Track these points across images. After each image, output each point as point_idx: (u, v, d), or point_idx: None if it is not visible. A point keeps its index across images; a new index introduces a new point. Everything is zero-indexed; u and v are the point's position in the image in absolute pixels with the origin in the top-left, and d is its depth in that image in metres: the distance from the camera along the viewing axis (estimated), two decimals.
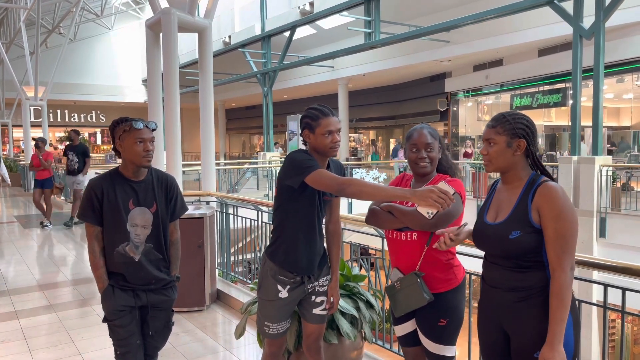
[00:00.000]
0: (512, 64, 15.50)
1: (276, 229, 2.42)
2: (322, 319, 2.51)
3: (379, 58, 16.86)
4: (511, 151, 1.87)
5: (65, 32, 21.40)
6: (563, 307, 1.73)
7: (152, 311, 2.46)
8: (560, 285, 1.74)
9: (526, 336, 1.83)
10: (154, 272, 2.44)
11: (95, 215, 2.36)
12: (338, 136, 2.31)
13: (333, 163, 2.46)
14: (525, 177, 1.90)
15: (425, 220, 2.03)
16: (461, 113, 19.01)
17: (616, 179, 9.40)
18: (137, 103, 29.56)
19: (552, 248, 1.77)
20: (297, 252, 2.35)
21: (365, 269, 3.82)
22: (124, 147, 2.37)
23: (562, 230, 1.75)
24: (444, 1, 13.59)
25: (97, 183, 2.39)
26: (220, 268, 5.42)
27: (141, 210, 2.41)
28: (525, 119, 1.90)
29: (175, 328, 4.15)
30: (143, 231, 2.41)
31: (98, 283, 2.41)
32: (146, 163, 2.39)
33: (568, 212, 1.77)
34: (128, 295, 2.41)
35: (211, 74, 6.28)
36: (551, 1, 8.76)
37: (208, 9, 6.52)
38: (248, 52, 17.16)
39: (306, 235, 2.36)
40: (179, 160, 6.18)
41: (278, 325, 2.43)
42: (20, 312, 4.73)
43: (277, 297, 2.38)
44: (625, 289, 2.29)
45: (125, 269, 2.39)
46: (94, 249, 2.38)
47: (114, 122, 2.43)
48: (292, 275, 2.37)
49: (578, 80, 8.68)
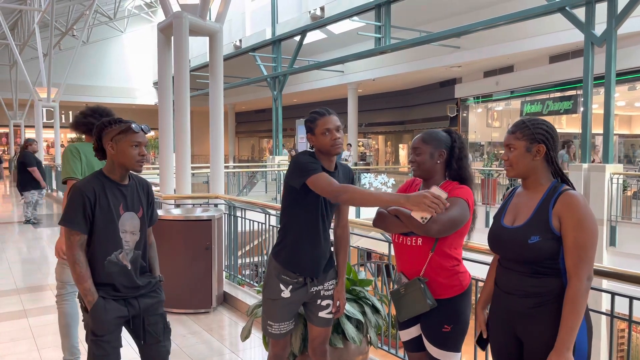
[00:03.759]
0: (523, 71, 15.42)
1: (281, 230, 2.45)
2: (328, 323, 2.51)
3: (388, 63, 16.86)
4: (530, 156, 1.89)
5: (79, 34, 21.64)
6: (576, 315, 1.74)
7: (149, 318, 2.35)
8: (574, 293, 1.75)
9: (540, 342, 1.82)
10: (140, 279, 2.33)
11: (85, 222, 2.17)
12: (338, 134, 2.33)
13: (342, 168, 2.47)
14: (547, 183, 1.91)
15: (429, 226, 2.05)
16: (471, 119, 18.94)
17: (627, 188, 9.32)
18: (148, 105, 29.79)
19: (570, 257, 1.78)
20: (300, 253, 2.38)
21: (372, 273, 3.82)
22: (118, 150, 2.21)
23: (582, 239, 1.77)
24: (455, 7, 13.57)
25: (88, 186, 2.19)
26: (227, 270, 5.43)
27: (130, 215, 2.29)
28: (545, 124, 1.91)
29: (181, 329, 4.19)
30: (132, 237, 2.29)
31: (87, 296, 2.17)
32: (139, 168, 2.26)
33: (589, 222, 1.78)
34: (120, 305, 2.25)
35: (221, 77, 6.31)
36: (563, 8, 8.73)
37: (219, 12, 6.56)
38: (258, 56, 17.24)
39: (310, 236, 2.38)
40: (188, 162, 6.21)
41: (280, 325, 2.45)
42: (29, 311, 4.78)
43: (280, 296, 2.41)
44: (634, 298, 2.28)
45: (117, 278, 2.23)
46: (80, 259, 2.16)
47: (105, 121, 2.26)
48: (295, 276, 2.40)
49: (589, 87, 8.61)
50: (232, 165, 21.31)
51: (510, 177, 2.01)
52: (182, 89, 6.05)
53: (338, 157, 2.45)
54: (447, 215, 2.10)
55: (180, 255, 4.58)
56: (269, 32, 18.67)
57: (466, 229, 2.24)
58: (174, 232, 4.58)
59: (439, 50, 14.33)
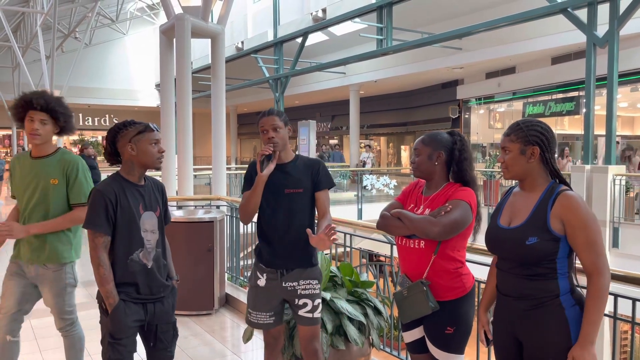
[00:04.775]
0: (525, 72, 15.41)
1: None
2: (310, 322, 2.53)
3: (390, 65, 16.86)
4: (525, 158, 1.90)
5: (81, 36, 21.71)
6: (599, 309, 1.76)
7: (161, 326, 2.37)
8: (599, 289, 1.77)
9: (539, 344, 1.83)
10: (162, 279, 2.36)
11: (108, 223, 2.20)
12: (272, 132, 2.45)
13: (303, 159, 2.58)
14: (544, 184, 1.91)
15: (430, 228, 2.08)
16: (473, 120, 18.92)
17: (629, 189, 9.29)
18: (150, 107, 29.82)
19: (587, 256, 1.80)
20: (262, 246, 2.55)
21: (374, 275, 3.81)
22: (138, 150, 2.26)
23: (592, 236, 1.80)
24: (457, 8, 13.57)
25: (108, 188, 2.23)
26: (229, 272, 5.43)
27: (149, 214, 2.34)
28: (540, 125, 1.91)
29: (183, 331, 4.19)
30: (153, 236, 2.34)
31: (108, 298, 2.20)
32: (159, 164, 2.34)
33: (592, 219, 1.82)
34: (138, 308, 2.27)
35: (224, 79, 6.33)
36: (565, 9, 8.72)
37: (221, 15, 6.58)
38: (260, 57, 17.25)
39: (269, 229, 2.51)
40: (190, 164, 6.22)
41: (258, 315, 2.56)
42: (32, 312, 4.77)
43: (256, 283, 2.57)
44: (637, 300, 2.28)
45: (139, 278, 2.27)
46: (104, 261, 2.19)
47: (121, 124, 2.30)
48: (263, 267, 2.54)
49: (591, 88, 8.60)
50: (234, 167, 21.33)
51: (507, 179, 2.03)
52: (185, 90, 6.07)
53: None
54: (449, 217, 2.10)
55: (182, 257, 4.58)
56: (271, 34, 18.69)
57: (469, 231, 2.24)
58: (176, 234, 4.58)
59: (440, 51, 14.32)
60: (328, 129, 28.28)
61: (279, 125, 2.45)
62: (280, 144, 2.45)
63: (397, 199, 2.45)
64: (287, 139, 2.53)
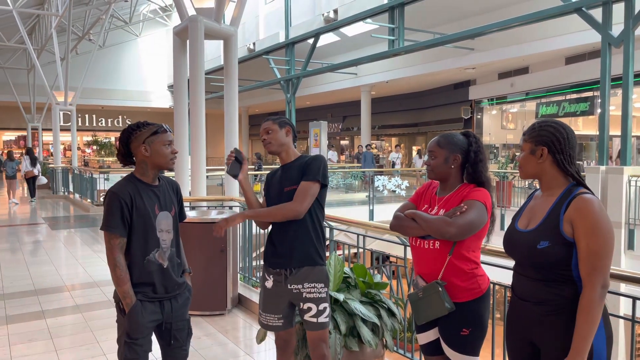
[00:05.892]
0: (539, 72, 15.28)
1: None
2: (315, 326, 2.53)
3: (402, 65, 16.81)
4: (535, 159, 1.87)
5: (95, 38, 21.93)
6: (589, 324, 1.69)
7: (177, 324, 2.39)
8: (587, 302, 1.70)
9: (557, 349, 1.79)
10: (176, 278, 2.39)
11: (124, 225, 2.23)
12: (264, 135, 2.62)
13: (303, 158, 2.62)
14: (561, 186, 1.86)
15: (446, 229, 2.07)
16: (485, 121, 18.81)
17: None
18: (163, 108, 30.09)
19: (584, 264, 1.72)
20: (267, 246, 2.64)
21: (387, 276, 3.80)
22: (152, 151, 2.28)
23: (595, 246, 1.70)
24: (469, 8, 13.50)
25: (123, 190, 2.25)
26: (242, 273, 5.45)
27: (165, 214, 2.36)
28: (553, 126, 1.87)
29: (197, 331, 4.21)
30: (168, 236, 2.37)
31: (125, 299, 2.24)
32: (172, 165, 2.36)
33: (602, 228, 1.71)
34: (155, 307, 2.31)
35: (236, 80, 6.34)
36: (579, 8, 8.62)
37: (234, 16, 6.61)
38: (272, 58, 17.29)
39: (273, 228, 2.61)
40: (203, 165, 6.25)
41: (267, 317, 2.62)
42: (47, 312, 4.83)
43: (264, 285, 2.63)
44: None
45: (156, 277, 2.30)
46: (120, 262, 2.22)
47: (134, 125, 2.32)
48: (270, 269, 2.59)
49: (606, 88, 8.50)
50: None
51: (522, 178, 2.02)
52: (198, 92, 6.10)
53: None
54: (464, 218, 2.09)
55: (195, 258, 4.60)
56: (283, 35, 18.72)
57: (484, 232, 2.22)
58: (189, 234, 4.60)
59: (453, 52, 14.25)
60: (339, 130, 28.27)
61: (271, 128, 2.59)
62: (274, 143, 2.58)
63: (410, 199, 2.43)
64: (283, 140, 2.59)
